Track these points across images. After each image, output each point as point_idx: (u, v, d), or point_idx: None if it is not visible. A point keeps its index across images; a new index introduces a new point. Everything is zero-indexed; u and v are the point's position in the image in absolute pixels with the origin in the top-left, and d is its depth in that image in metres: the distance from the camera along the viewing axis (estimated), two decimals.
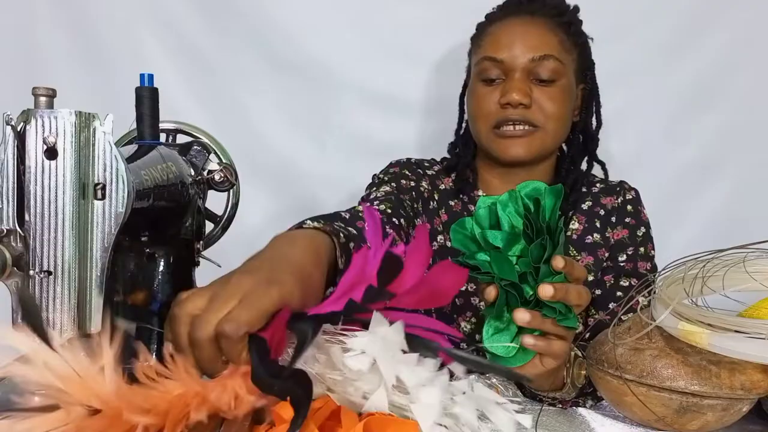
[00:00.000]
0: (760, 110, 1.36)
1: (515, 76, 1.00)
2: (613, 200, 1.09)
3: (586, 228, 1.06)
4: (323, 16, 1.35)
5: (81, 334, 0.55)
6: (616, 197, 1.09)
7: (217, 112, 1.35)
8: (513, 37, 1.01)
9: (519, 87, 0.99)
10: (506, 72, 1.01)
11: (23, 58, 1.33)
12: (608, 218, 1.07)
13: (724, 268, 0.77)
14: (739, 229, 1.22)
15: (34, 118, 0.53)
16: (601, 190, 1.10)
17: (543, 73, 1.00)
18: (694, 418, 0.75)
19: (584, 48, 1.08)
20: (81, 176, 0.54)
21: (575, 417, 0.84)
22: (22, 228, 0.53)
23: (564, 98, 1.02)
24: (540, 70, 1.00)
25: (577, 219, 1.07)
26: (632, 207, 1.09)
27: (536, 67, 1.00)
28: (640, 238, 1.06)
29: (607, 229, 1.06)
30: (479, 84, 1.04)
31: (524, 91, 0.99)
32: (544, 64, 1.00)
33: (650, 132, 1.39)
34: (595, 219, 1.07)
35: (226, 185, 0.85)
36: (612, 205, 1.08)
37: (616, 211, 1.08)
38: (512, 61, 1.00)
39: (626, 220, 1.07)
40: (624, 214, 1.08)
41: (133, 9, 1.34)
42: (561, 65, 1.01)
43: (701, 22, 1.36)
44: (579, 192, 1.08)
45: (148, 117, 0.75)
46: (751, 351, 0.70)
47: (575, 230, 1.06)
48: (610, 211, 1.08)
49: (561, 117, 1.02)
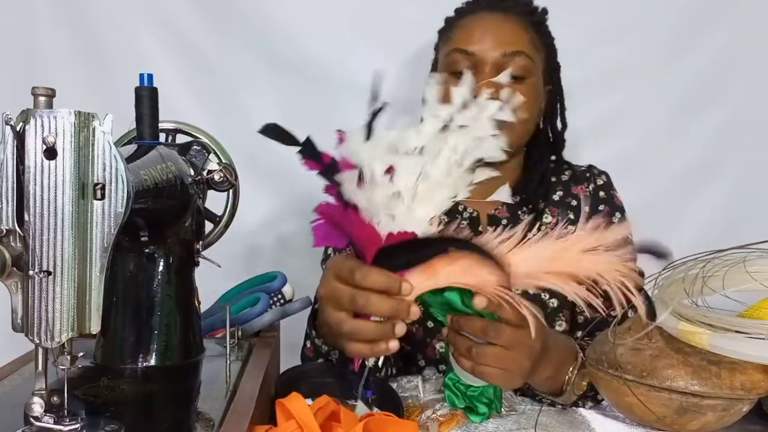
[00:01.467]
0: (760, 110, 1.36)
1: (485, 71, 0.99)
2: (584, 188, 1.08)
3: (560, 220, 1.06)
4: (323, 16, 1.35)
5: (80, 334, 0.55)
6: (586, 184, 1.08)
7: (216, 112, 1.35)
8: (485, 30, 1.01)
9: (489, 82, 0.98)
10: (476, 65, 1.00)
11: (23, 58, 1.33)
12: (581, 208, 1.06)
13: (724, 268, 0.77)
14: (739, 229, 1.22)
15: (33, 118, 0.53)
16: (571, 177, 1.10)
17: (514, 69, 0.99)
18: (694, 418, 0.75)
19: (551, 49, 1.08)
20: (80, 176, 0.54)
21: (575, 417, 0.83)
22: (21, 228, 0.53)
23: (532, 96, 1.02)
24: (511, 65, 0.99)
25: (549, 212, 1.06)
26: (604, 193, 1.08)
27: (507, 63, 0.99)
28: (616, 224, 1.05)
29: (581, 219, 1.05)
30: (447, 77, 1.03)
31: (494, 85, 0.98)
32: (515, 60, 0.99)
33: (650, 132, 1.39)
34: (568, 210, 1.06)
35: (225, 185, 0.85)
36: (584, 194, 1.07)
37: (588, 199, 1.07)
38: (483, 55, 0.99)
39: (600, 208, 1.06)
40: (597, 201, 1.07)
41: (133, 9, 1.34)
42: (531, 63, 1.01)
43: (701, 21, 1.36)
44: (548, 183, 1.07)
45: (148, 117, 0.75)
46: (752, 351, 0.70)
47: (548, 224, 1.05)
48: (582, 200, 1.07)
49: (529, 115, 1.02)
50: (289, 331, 1.02)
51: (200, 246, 0.83)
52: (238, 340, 0.87)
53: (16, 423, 0.57)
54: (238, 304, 0.95)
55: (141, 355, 0.74)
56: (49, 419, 0.55)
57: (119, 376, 0.72)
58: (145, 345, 0.75)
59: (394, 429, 0.71)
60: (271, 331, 0.93)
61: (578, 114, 1.35)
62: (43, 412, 0.55)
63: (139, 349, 0.74)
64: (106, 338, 0.74)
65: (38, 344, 0.54)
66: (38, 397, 0.55)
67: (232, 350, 0.81)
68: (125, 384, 0.72)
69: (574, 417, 0.83)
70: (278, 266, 1.07)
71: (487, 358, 0.72)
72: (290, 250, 1.38)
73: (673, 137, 1.38)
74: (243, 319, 0.91)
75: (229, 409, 0.64)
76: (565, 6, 1.33)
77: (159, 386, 0.74)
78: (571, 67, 1.30)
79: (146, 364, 0.74)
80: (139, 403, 0.70)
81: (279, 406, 0.69)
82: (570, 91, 1.26)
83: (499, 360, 0.72)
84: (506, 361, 0.72)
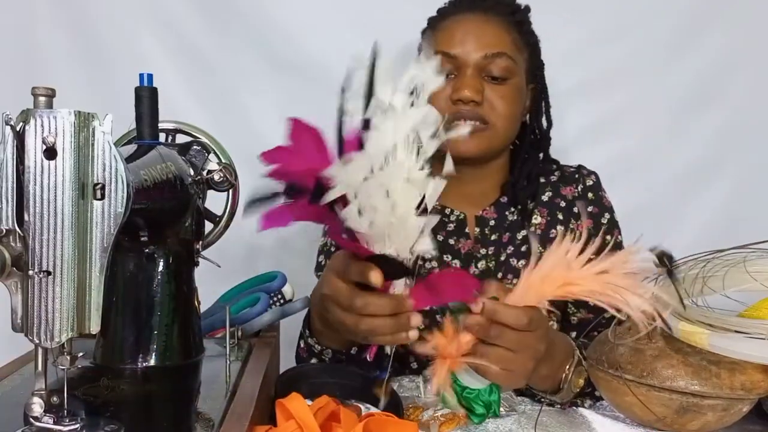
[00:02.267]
0: (760, 110, 1.36)
1: (467, 73, 0.99)
2: (573, 189, 1.08)
3: (549, 222, 1.05)
4: (323, 16, 1.35)
5: (80, 335, 0.55)
6: (575, 186, 1.08)
7: (216, 112, 1.35)
8: (466, 32, 1.00)
9: (471, 84, 0.98)
10: (458, 68, 1.00)
11: (23, 58, 1.33)
12: (570, 209, 1.06)
13: (724, 268, 0.77)
14: (739, 229, 1.22)
15: (33, 118, 0.53)
16: (560, 178, 1.09)
17: (495, 71, 0.99)
18: (694, 418, 0.75)
19: (535, 48, 1.07)
20: (80, 176, 0.54)
21: (575, 417, 0.84)
22: (21, 228, 0.53)
23: (515, 97, 1.02)
24: (492, 67, 0.99)
25: (539, 213, 1.06)
26: (593, 194, 1.08)
27: (489, 65, 0.99)
28: (605, 225, 1.05)
29: (570, 221, 1.05)
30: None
31: (476, 88, 0.98)
32: (497, 62, 0.99)
33: (650, 132, 1.39)
34: (557, 211, 1.06)
35: (225, 185, 0.85)
36: (572, 195, 1.07)
37: (577, 201, 1.06)
38: (465, 57, 0.99)
39: (588, 209, 1.06)
40: (585, 202, 1.06)
41: (133, 9, 1.34)
42: (513, 64, 1.00)
43: (701, 21, 1.36)
44: (536, 182, 1.07)
45: (148, 117, 0.75)
46: (752, 351, 0.70)
47: (538, 225, 1.05)
48: (571, 202, 1.07)
49: (511, 116, 1.01)
50: (289, 331, 1.02)
51: (200, 246, 0.83)
52: (238, 340, 0.87)
53: (16, 423, 0.57)
54: (238, 304, 0.95)
55: (141, 355, 0.74)
56: (49, 419, 0.55)
57: (119, 376, 0.72)
58: (144, 345, 0.75)
59: (394, 429, 0.71)
60: (271, 331, 0.93)
61: (578, 114, 1.35)
62: (43, 412, 0.55)
63: (138, 349, 0.74)
64: (106, 338, 0.74)
65: (38, 344, 0.54)
66: (38, 397, 0.55)
67: (232, 350, 0.81)
68: (125, 384, 0.72)
69: (574, 417, 0.83)
70: (278, 266, 1.07)
71: (491, 358, 0.71)
72: (290, 250, 1.38)
73: (673, 137, 1.38)
74: (243, 319, 0.91)
75: (229, 409, 0.64)
76: (566, 6, 1.33)
77: (159, 386, 0.74)
78: (572, 67, 1.31)
79: (146, 364, 0.74)
80: (139, 403, 0.70)
81: (279, 406, 0.69)
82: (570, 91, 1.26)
83: (503, 361, 0.71)
84: (510, 362, 0.72)
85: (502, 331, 0.70)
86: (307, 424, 0.65)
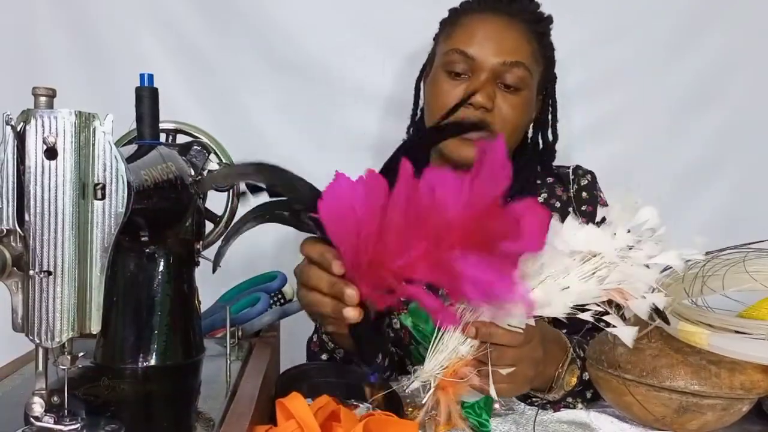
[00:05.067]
0: (760, 110, 1.36)
1: (482, 77, 0.98)
2: (568, 190, 1.07)
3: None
4: (323, 16, 1.35)
5: (81, 334, 0.55)
6: (570, 186, 1.07)
7: (217, 112, 1.35)
8: (488, 34, 0.99)
9: (484, 89, 0.97)
10: (474, 69, 0.99)
11: (23, 58, 1.33)
12: (565, 210, 1.05)
13: (724, 268, 0.77)
14: (739, 229, 1.22)
15: (33, 118, 0.53)
16: (555, 179, 1.09)
17: (510, 79, 0.98)
18: (694, 418, 0.75)
19: (551, 62, 1.07)
20: (81, 176, 0.54)
21: (575, 417, 0.84)
22: (22, 228, 0.53)
23: (524, 109, 1.01)
24: (508, 75, 0.98)
25: None
26: (587, 193, 1.07)
27: (505, 72, 0.98)
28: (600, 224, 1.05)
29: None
30: (443, 75, 1.01)
31: (489, 95, 0.97)
32: (514, 71, 0.98)
33: (650, 132, 1.38)
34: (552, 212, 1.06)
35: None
36: (567, 196, 1.07)
37: (572, 201, 1.06)
38: (482, 60, 0.98)
39: (583, 209, 1.06)
40: (580, 202, 1.06)
41: (133, 9, 1.34)
42: (529, 75, 1.00)
43: (701, 21, 1.36)
44: (533, 185, 1.07)
45: (148, 117, 0.75)
46: (751, 351, 0.70)
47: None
48: (566, 202, 1.06)
49: (518, 127, 1.01)
50: (289, 331, 1.02)
51: (200, 246, 0.83)
52: (238, 340, 0.87)
53: (16, 423, 0.57)
54: (238, 304, 0.95)
55: (141, 355, 0.74)
56: (49, 419, 0.55)
57: (119, 375, 0.72)
58: (145, 345, 0.75)
59: (394, 429, 0.71)
60: (271, 331, 0.93)
61: (578, 114, 1.35)
62: (44, 412, 0.55)
63: (139, 349, 0.74)
64: (107, 338, 0.74)
65: (38, 344, 0.54)
66: (38, 397, 0.55)
67: (232, 350, 0.81)
68: (125, 384, 0.72)
69: (574, 417, 0.83)
70: (278, 266, 1.07)
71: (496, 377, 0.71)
72: (290, 250, 1.37)
73: (673, 137, 1.38)
74: (243, 319, 0.91)
75: (229, 409, 0.64)
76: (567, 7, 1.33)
77: (159, 386, 0.74)
78: (572, 67, 1.30)
79: (146, 364, 0.74)
80: (140, 403, 0.70)
81: (279, 405, 0.69)
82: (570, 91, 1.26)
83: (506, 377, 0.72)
84: (513, 376, 0.72)
85: (502, 352, 0.71)
86: (307, 423, 0.65)
